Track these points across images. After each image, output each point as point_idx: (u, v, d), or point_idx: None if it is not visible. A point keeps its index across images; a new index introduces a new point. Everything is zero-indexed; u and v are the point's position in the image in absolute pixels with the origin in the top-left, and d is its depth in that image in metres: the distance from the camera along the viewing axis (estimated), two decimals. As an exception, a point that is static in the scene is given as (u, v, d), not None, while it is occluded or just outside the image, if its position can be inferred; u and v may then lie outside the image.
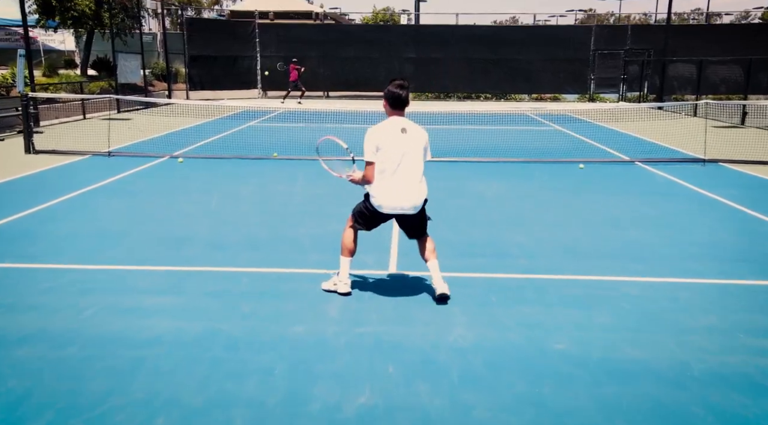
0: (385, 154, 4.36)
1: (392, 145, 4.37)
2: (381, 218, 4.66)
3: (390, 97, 4.41)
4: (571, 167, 10.81)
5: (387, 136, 4.38)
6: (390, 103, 4.44)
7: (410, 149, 4.44)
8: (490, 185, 9.34)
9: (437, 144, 13.51)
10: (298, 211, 7.55)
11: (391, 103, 4.43)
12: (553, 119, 19.13)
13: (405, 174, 4.44)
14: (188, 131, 14.97)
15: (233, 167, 10.71)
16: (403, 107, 4.48)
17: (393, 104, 4.43)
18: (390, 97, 4.41)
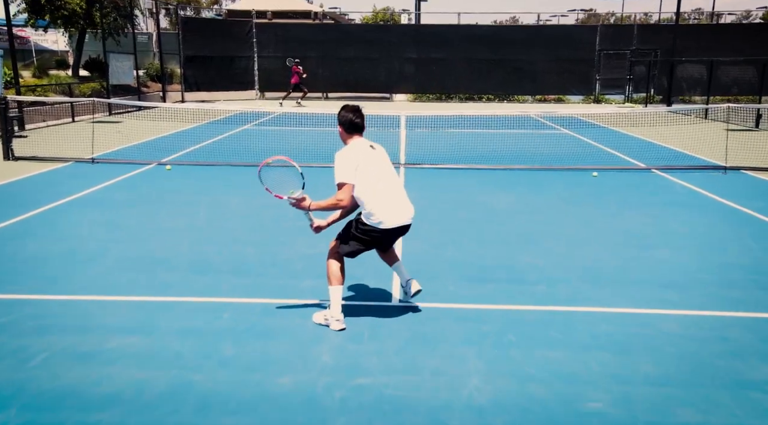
0: (368, 171, 4.19)
1: (371, 162, 4.25)
2: (384, 238, 4.37)
3: (346, 123, 4.32)
4: (584, 175, 10.16)
5: (363, 154, 4.24)
6: (346, 129, 4.34)
7: (386, 163, 4.38)
8: (499, 195, 8.69)
9: (440, 149, 13.26)
10: (290, 227, 6.88)
11: (347, 128, 4.33)
12: (562, 122, 18.47)
13: (395, 186, 4.35)
14: (179, 135, 14.29)
15: (224, 174, 10.06)
16: (361, 132, 4.38)
17: (350, 129, 4.34)
18: (346, 123, 4.32)
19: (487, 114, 11.75)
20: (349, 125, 4.29)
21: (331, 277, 4.32)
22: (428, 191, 8.88)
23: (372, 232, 4.23)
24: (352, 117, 4.29)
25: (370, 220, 4.19)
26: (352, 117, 4.29)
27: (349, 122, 4.29)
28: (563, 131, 16.37)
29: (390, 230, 4.26)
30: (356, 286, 5.11)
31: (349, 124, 4.29)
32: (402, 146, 11.55)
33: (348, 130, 4.31)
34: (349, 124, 4.29)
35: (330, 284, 4.32)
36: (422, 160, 10.99)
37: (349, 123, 4.29)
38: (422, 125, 11.70)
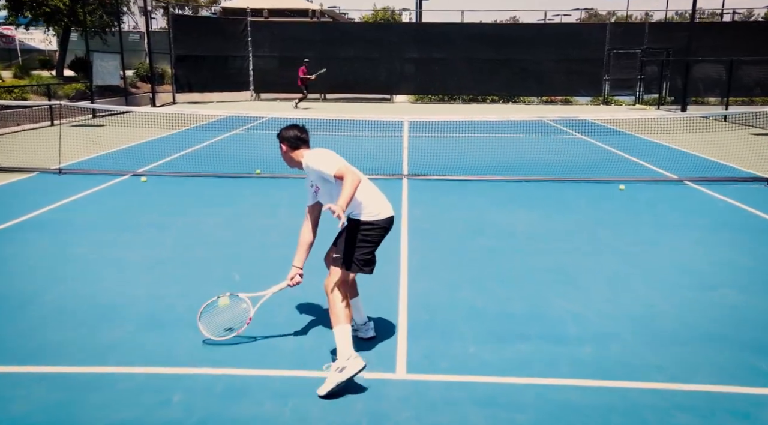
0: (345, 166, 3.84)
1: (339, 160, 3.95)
2: (384, 234, 4.02)
3: (292, 139, 4.02)
4: (610, 188, 9.04)
5: (332, 154, 3.98)
6: (292, 145, 4.03)
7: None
8: (518, 214, 7.56)
9: (447, 158, 11.74)
10: (277, 258, 5.75)
11: (293, 143, 4.03)
12: (576, 126, 17.33)
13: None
14: (162, 142, 13.09)
15: (206, 187, 8.94)
16: (308, 144, 4.08)
17: (296, 143, 4.03)
18: (292, 138, 4.02)
19: (499, 120, 10.59)
20: (296, 139, 4.00)
21: (339, 314, 3.67)
22: (435, 209, 7.76)
23: (377, 227, 3.91)
24: (298, 133, 4.01)
25: (371, 215, 3.88)
26: (298, 133, 4.01)
27: (295, 137, 4.00)
28: (578, 136, 15.24)
29: (389, 219, 3.96)
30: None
31: (296, 139, 4.00)
32: (404, 154, 10.39)
33: (294, 145, 4.00)
34: (296, 139, 4.00)
35: (337, 324, 3.65)
36: (427, 170, 9.86)
37: (295, 138, 4.00)
38: (427, 131, 10.57)
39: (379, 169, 9.83)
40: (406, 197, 8.42)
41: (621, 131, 15.64)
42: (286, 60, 27.26)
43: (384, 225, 3.93)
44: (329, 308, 3.71)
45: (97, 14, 20.96)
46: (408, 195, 8.58)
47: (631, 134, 15.17)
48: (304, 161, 3.91)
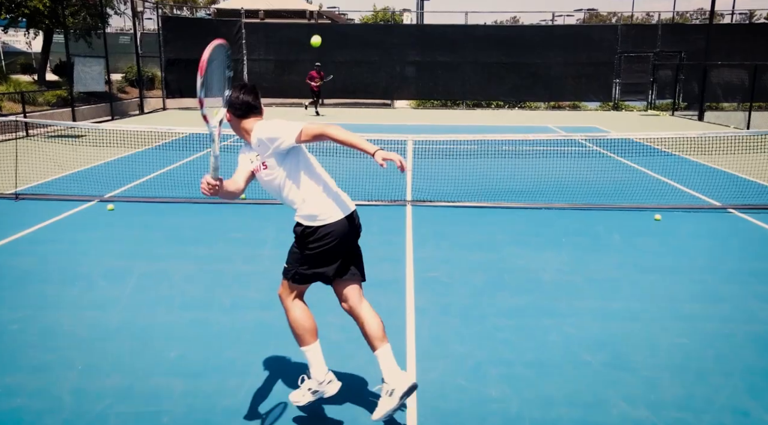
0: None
1: None
2: (343, 241, 3.29)
3: (240, 106, 3.25)
4: (644, 219, 7.87)
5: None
6: (239, 114, 3.27)
7: None
8: (545, 255, 6.38)
9: (456, 179, 9.61)
10: (251, 326, 4.59)
11: (241, 112, 3.27)
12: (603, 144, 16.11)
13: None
14: (137, 158, 11.66)
15: (182, 217, 7.77)
16: (260, 112, 3.34)
17: (245, 113, 3.27)
18: (241, 106, 3.25)
19: (517, 138, 9.40)
20: (244, 106, 3.26)
21: (300, 333, 3.30)
22: (446, 249, 6.58)
23: (323, 237, 3.22)
24: (247, 97, 3.27)
25: (315, 218, 3.23)
26: (247, 97, 3.27)
27: (243, 104, 3.25)
28: (591, 147, 14.07)
29: (339, 223, 3.24)
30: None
31: (244, 106, 3.26)
32: (408, 176, 9.17)
33: (241, 113, 3.26)
34: (244, 106, 3.26)
35: (302, 345, 3.31)
36: (434, 195, 8.69)
37: (243, 105, 3.25)
38: (433, 151, 9.35)
39: (380, 194, 8.66)
40: (410, 231, 7.25)
41: (650, 146, 14.22)
42: (282, 63, 26.15)
43: (333, 235, 3.23)
44: (291, 329, 3.34)
45: (80, 16, 19.77)
46: (413, 228, 7.41)
47: (660, 150, 13.92)
48: (254, 132, 3.22)
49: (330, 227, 3.22)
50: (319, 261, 3.27)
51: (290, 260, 3.36)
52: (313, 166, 3.35)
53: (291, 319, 3.33)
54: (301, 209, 3.27)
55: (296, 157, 3.28)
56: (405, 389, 3.15)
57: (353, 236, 3.38)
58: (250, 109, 3.31)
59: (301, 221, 3.28)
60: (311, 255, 3.25)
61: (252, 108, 3.31)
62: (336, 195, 3.33)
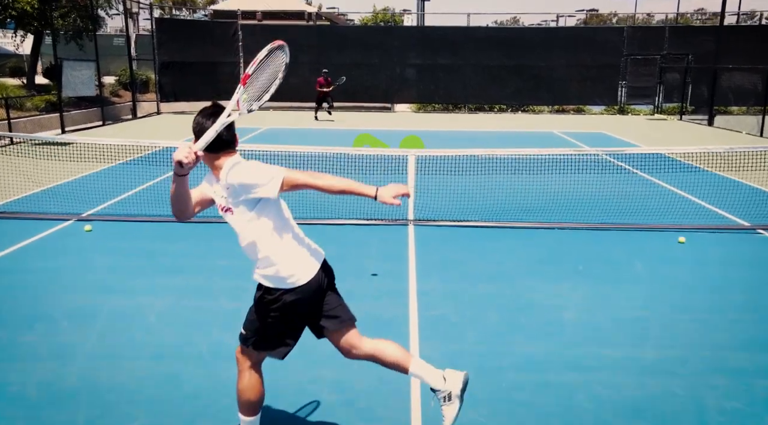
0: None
1: None
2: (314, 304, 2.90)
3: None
4: (667, 241, 7.23)
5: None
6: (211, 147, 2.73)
7: None
8: (562, 287, 5.75)
9: (462, 196, 8.59)
10: (226, 383, 3.96)
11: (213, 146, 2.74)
12: (622, 158, 15.47)
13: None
14: (123, 170, 10.76)
15: (164, 239, 7.14)
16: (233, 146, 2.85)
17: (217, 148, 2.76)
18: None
19: (530, 153, 8.73)
20: (218, 141, 2.76)
21: (242, 403, 3.01)
22: (453, 279, 5.94)
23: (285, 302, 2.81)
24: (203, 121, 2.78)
25: (277, 280, 2.82)
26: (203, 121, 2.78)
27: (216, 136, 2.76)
28: (604, 157, 13.42)
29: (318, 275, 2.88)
30: None
31: (218, 140, 2.76)
32: (410, 193, 8.46)
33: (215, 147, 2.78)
34: (218, 140, 2.76)
35: (240, 414, 3.06)
36: (438, 214, 8.05)
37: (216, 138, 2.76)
38: (438, 168, 8.65)
39: (379, 212, 8.02)
40: (413, 258, 6.61)
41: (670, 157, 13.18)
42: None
43: (301, 301, 2.84)
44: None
45: (70, 17, 19.13)
46: (416, 252, 6.78)
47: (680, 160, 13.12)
48: (225, 173, 2.76)
49: (298, 293, 2.83)
50: (282, 331, 2.90)
51: (248, 326, 2.98)
52: (286, 218, 2.90)
53: (239, 386, 3.04)
54: (266, 268, 2.83)
55: (269, 207, 2.79)
56: (461, 386, 3.01)
57: (326, 289, 3.00)
58: (222, 143, 2.82)
59: (264, 282, 2.85)
60: (272, 323, 2.87)
61: (224, 143, 2.83)
62: (307, 247, 2.96)
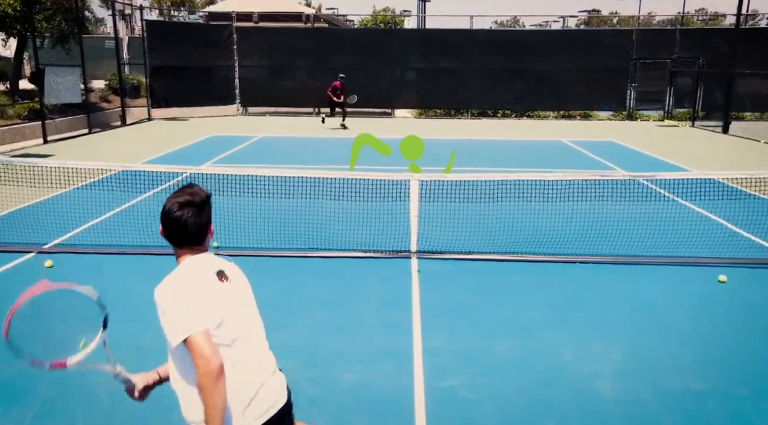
0: (223, 330, 2.24)
1: (220, 305, 2.25)
2: None
3: (170, 227, 2.29)
4: (706, 278, 6.36)
5: (207, 290, 2.24)
6: (172, 238, 2.31)
7: (243, 304, 2.38)
8: (593, 346, 4.87)
9: (469, 227, 7.43)
10: None
11: (174, 238, 2.31)
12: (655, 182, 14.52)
13: (255, 347, 2.38)
14: (89, 193, 8.87)
15: (135, 276, 6.27)
16: (200, 243, 2.34)
17: (179, 240, 2.30)
18: (170, 226, 2.29)
19: (549, 179, 7.83)
20: (175, 231, 2.28)
21: None
22: (465, 334, 5.07)
23: None
24: (178, 215, 2.25)
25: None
26: (178, 215, 2.25)
27: (173, 226, 2.27)
28: (645, 184, 12.54)
29: None
30: None
31: (174, 229, 2.28)
32: (413, 223, 7.39)
33: (177, 240, 2.30)
34: (174, 229, 2.28)
35: None
36: (444, 245, 7.15)
37: (173, 228, 2.28)
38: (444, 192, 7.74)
39: (378, 242, 7.15)
40: (417, 300, 5.75)
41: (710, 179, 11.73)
42: (277, 70, 24.70)
43: None
44: None
45: (55, 20, 18.26)
46: (420, 293, 5.92)
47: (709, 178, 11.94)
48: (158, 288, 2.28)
49: None
50: None
51: None
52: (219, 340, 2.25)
53: None
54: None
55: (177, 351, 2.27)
56: None
57: None
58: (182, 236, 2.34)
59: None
60: None
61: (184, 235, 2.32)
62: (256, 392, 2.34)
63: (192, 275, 2.31)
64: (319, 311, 5.49)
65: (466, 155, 14.02)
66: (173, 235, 2.34)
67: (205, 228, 2.36)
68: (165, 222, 2.33)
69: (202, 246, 2.39)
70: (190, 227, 2.30)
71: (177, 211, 2.29)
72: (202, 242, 2.38)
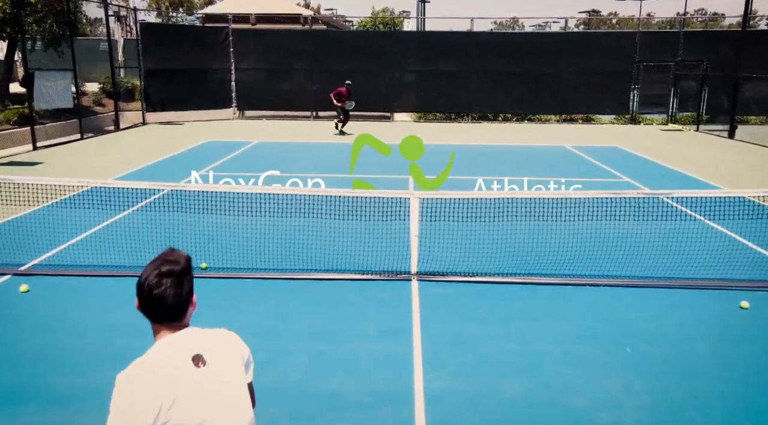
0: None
1: (189, 400, 1.90)
2: None
3: (147, 302, 2.00)
4: (727, 304, 5.96)
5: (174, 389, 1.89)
6: (149, 314, 2.03)
7: (223, 394, 1.99)
8: (610, 386, 4.47)
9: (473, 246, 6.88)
10: None
11: (151, 313, 2.03)
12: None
13: None
14: (78, 204, 8.47)
15: (116, 302, 5.85)
16: (179, 319, 2.04)
17: (157, 316, 2.02)
18: (147, 301, 2.00)
19: (558, 197, 7.41)
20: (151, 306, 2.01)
21: None
22: (471, 371, 4.66)
23: None
24: (154, 292, 1.97)
25: None
26: (154, 292, 1.97)
27: (148, 301, 2.00)
28: (665, 200, 12.12)
29: None
30: None
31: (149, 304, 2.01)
32: (413, 243, 6.86)
33: (153, 316, 2.03)
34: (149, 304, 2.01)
35: None
36: (446, 266, 6.73)
37: (148, 303, 2.01)
38: (446, 210, 7.32)
39: (376, 263, 6.74)
40: (418, 330, 5.34)
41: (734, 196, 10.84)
42: (274, 73, 24.27)
43: None
44: None
45: (46, 23, 17.83)
46: (421, 322, 5.50)
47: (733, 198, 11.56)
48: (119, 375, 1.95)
49: None
50: None
51: None
52: None
53: None
54: None
55: None
56: None
57: None
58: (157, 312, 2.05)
59: None
60: None
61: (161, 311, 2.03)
62: None
63: (157, 365, 1.97)
64: (311, 344, 5.08)
65: (466, 162, 13.61)
66: (150, 310, 2.07)
67: (187, 301, 2.08)
68: (141, 296, 2.06)
69: (183, 322, 2.10)
70: (170, 300, 2.02)
71: (155, 284, 2.02)
72: (182, 317, 2.09)
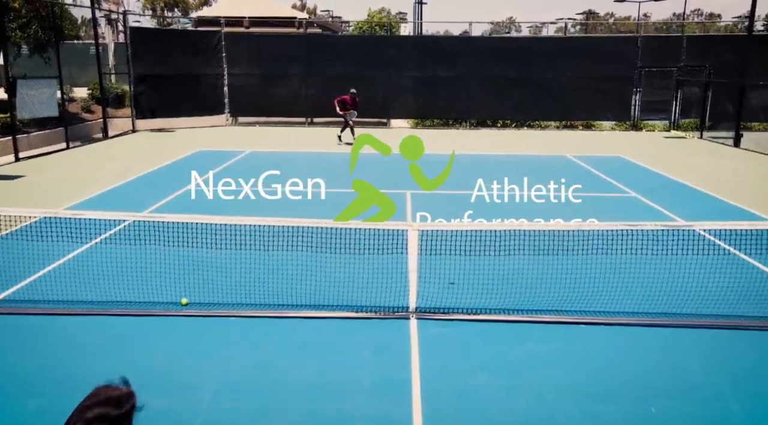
0: None
1: None
2: None
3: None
4: (761, 346, 5.43)
5: None
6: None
7: None
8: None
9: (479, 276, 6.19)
10: None
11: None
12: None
13: None
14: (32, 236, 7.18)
15: (87, 348, 5.30)
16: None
17: None
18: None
19: (568, 229, 6.88)
20: None
21: None
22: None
23: None
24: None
25: None
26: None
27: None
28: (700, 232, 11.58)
29: None
30: None
31: None
32: (412, 277, 6.18)
33: None
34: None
35: None
36: (448, 302, 6.20)
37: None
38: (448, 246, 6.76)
39: (372, 298, 6.20)
40: (417, 383, 4.80)
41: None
42: (267, 78, 23.70)
43: None
44: None
45: (31, 29, 17.25)
46: (420, 371, 4.96)
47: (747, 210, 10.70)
48: None
49: None
50: None
51: None
52: None
53: None
54: None
55: None
56: None
57: None
58: None
59: None
60: None
61: None
62: None
63: None
64: (294, 406, 4.51)
65: (464, 173, 13.05)
66: None
67: None
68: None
69: None
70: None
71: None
72: None
